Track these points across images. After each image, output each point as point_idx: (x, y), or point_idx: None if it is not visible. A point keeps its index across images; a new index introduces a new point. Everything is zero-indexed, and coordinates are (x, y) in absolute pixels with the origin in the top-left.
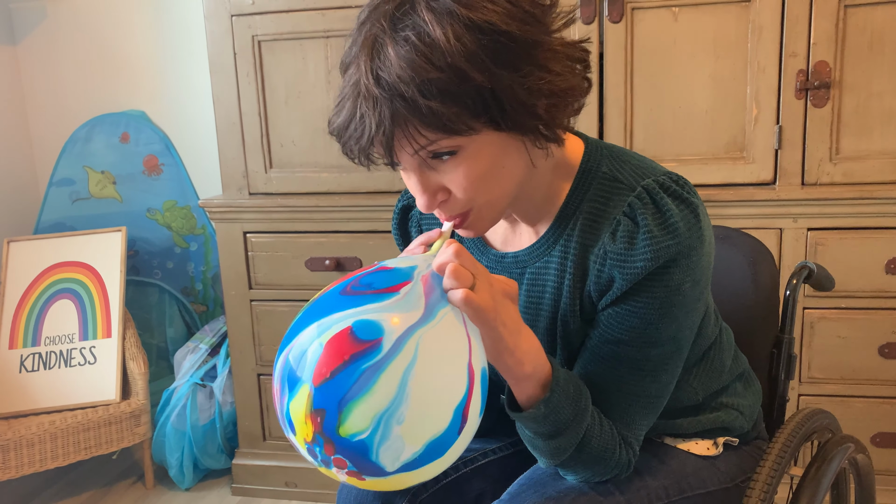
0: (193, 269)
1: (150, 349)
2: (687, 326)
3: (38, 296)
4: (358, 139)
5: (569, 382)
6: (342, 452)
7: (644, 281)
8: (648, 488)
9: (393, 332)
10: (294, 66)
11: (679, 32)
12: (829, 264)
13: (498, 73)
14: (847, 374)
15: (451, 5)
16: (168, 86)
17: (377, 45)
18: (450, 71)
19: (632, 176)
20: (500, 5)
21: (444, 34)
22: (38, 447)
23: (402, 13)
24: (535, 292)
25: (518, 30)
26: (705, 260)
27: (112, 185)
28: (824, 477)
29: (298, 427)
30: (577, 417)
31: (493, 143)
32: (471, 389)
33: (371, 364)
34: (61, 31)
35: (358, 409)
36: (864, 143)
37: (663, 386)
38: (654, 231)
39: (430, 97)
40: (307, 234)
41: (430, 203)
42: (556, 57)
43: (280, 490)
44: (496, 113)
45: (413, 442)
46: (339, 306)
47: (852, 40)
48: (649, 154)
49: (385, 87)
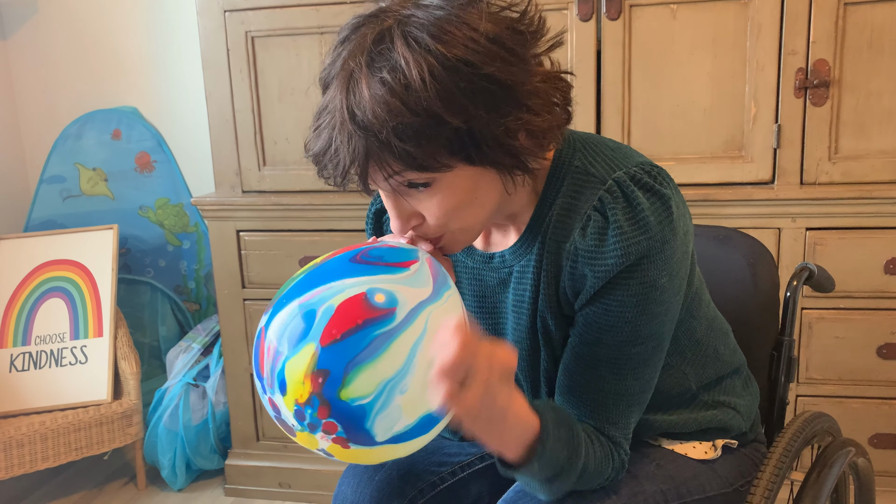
0: (186, 268)
1: (142, 348)
2: (668, 321)
3: (28, 294)
4: (334, 167)
5: (559, 426)
6: (337, 416)
7: (617, 279)
8: (646, 493)
9: (406, 304)
10: (288, 62)
11: (677, 30)
12: (827, 264)
13: (475, 113)
14: (845, 374)
15: (430, 43)
16: (160, 82)
17: (353, 81)
18: (425, 114)
19: (604, 168)
20: (480, 44)
21: (420, 75)
22: (28, 448)
23: (380, 50)
24: (520, 291)
25: (498, 71)
26: (680, 251)
27: (104, 183)
28: (825, 482)
29: (293, 387)
30: (572, 457)
31: (468, 176)
32: None
33: (384, 331)
34: (52, 26)
35: (364, 374)
36: (864, 142)
37: (645, 382)
38: (623, 227)
39: (405, 139)
40: (301, 232)
41: (403, 227)
42: (537, 94)
43: (273, 491)
44: (472, 151)
45: (409, 414)
46: (351, 273)
47: (852, 39)
48: (646, 153)
49: (360, 124)
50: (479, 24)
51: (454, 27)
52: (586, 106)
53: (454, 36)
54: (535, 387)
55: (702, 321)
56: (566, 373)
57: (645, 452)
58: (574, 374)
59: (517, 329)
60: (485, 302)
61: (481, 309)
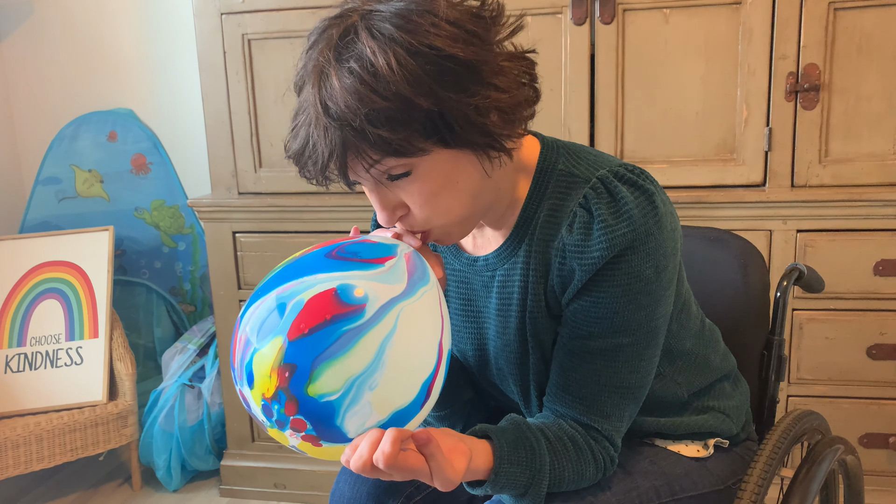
0: (181, 269)
1: (138, 349)
2: (658, 315)
3: (23, 295)
4: (314, 164)
5: (517, 448)
6: (305, 413)
7: (603, 270)
8: (640, 489)
9: (376, 301)
10: (284, 64)
11: (670, 34)
12: (817, 266)
13: (444, 95)
14: (835, 375)
15: (394, 32)
16: (156, 84)
17: (323, 75)
18: (395, 99)
19: (587, 169)
20: (442, 29)
21: (386, 62)
22: (23, 448)
23: (346, 42)
24: (506, 293)
25: (462, 52)
26: (667, 246)
27: (99, 184)
28: (814, 478)
29: (260, 381)
30: (536, 475)
31: (445, 160)
32: (438, 366)
33: (352, 327)
34: (47, 27)
35: (332, 370)
36: (853, 145)
37: (642, 376)
38: (608, 220)
39: (378, 125)
40: (296, 234)
41: (389, 218)
42: (503, 73)
43: (269, 491)
44: (445, 133)
45: (380, 410)
46: (324, 268)
47: (841, 43)
48: (639, 156)
49: (334, 116)
50: (439, 11)
51: (416, 16)
52: (580, 109)
53: (417, 23)
54: (525, 390)
55: (691, 332)
56: (559, 370)
57: (639, 450)
58: (568, 371)
59: (504, 333)
60: (470, 305)
61: (465, 312)
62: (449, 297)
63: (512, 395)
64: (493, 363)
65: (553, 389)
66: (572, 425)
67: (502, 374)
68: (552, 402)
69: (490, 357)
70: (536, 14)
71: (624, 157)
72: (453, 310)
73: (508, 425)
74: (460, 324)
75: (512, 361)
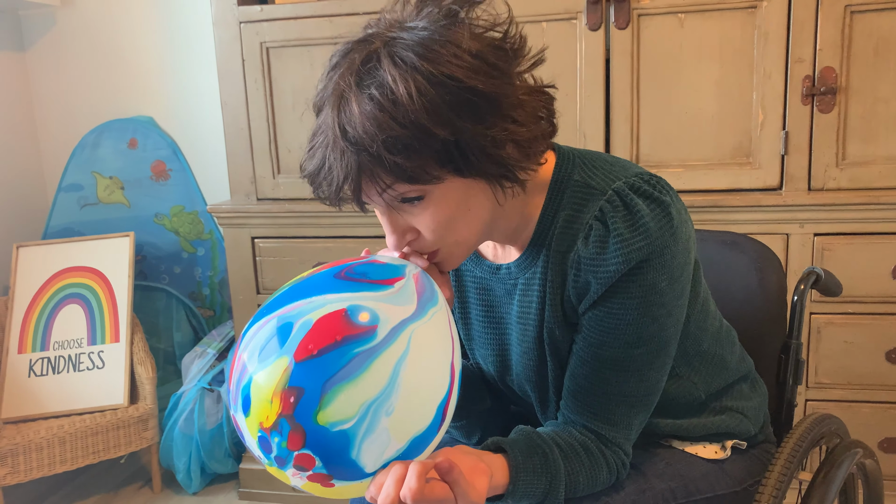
0: (201, 274)
1: (158, 354)
2: (670, 325)
3: (46, 300)
4: (329, 185)
5: (532, 455)
6: (313, 446)
7: (619, 283)
8: (654, 490)
9: (388, 322)
10: (302, 72)
11: (685, 39)
12: (835, 269)
13: (462, 126)
14: (854, 379)
15: (416, 60)
16: (176, 92)
17: (343, 100)
18: (413, 128)
19: (603, 180)
20: (464, 60)
21: (406, 90)
22: (46, 451)
23: (368, 68)
24: (526, 302)
25: (482, 84)
26: (681, 257)
27: (120, 191)
28: (833, 482)
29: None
30: (553, 481)
31: (458, 188)
32: (451, 388)
33: (364, 349)
34: (70, 38)
35: (345, 394)
36: (871, 148)
37: (651, 385)
38: (623, 234)
39: (395, 152)
40: (314, 239)
41: (399, 242)
42: (521, 106)
43: (286, 494)
44: (460, 162)
45: (398, 437)
46: (333, 288)
47: (858, 46)
48: (655, 160)
49: (351, 140)
50: (462, 42)
51: (438, 45)
52: (595, 114)
53: (439, 53)
54: (544, 396)
55: (709, 332)
56: (571, 376)
57: (655, 452)
58: (578, 377)
59: (524, 340)
60: (492, 312)
61: (487, 319)
62: (469, 303)
63: (530, 399)
64: (513, 369)
65: (565, 394)
66: (582, 432)
67: (521, 380)
68: (563, 408)
69: (511, 363)
70: (551, 20)
71: (639, 161)
72: (475, 316)
73: (519, 436)
74: (481, 330)
75: (531, 368)
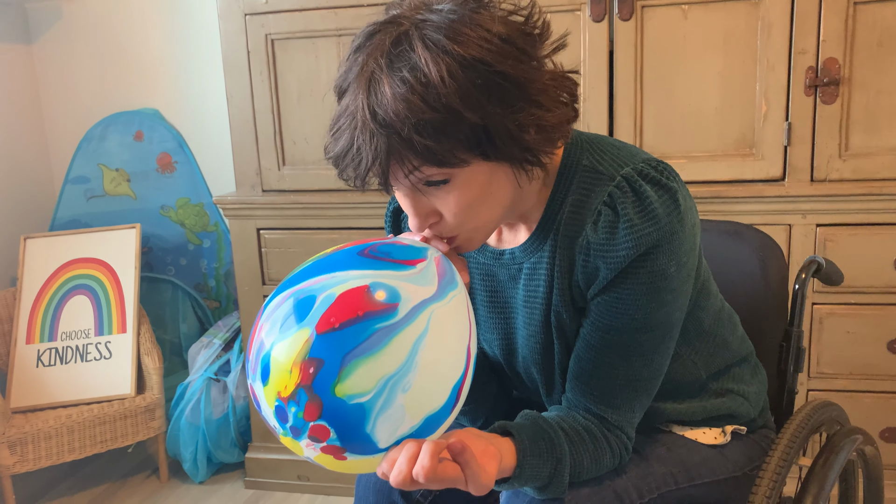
0: (206, 266)
1: (164, 345)
2: (677, 309)
3: (54, 291)
4: (356, 167)
5: (538, 439)
6: (329, 418)
7: (628, 268)
8: (656, 475)
9: (409, 301)
10: (307, 64)
11: (689, 30)
12: (837, 260)
13: (491, 110)
14: (856, 369)
15: (447, 43)
16: (182, 84)
17: (374, 81)
18: (445, 111)
19: (611, 165)
20: (493, 44)
21: (438, 73)
22: (55, 440)
23: (399, 51)
24: (532, 286)
25: (511, 68)
26: (688, 242)
27: (126, 183)
28: (832, 467)
29: (278, 376)
30: (558, 465)
31: (483, 171)
32: (466, 371)
33: (385, 326)
34: (76, 31)
35: (364, 368)
36: (874, 139)
37: (655, 369)
38: (633, 220)
39: (425, 135)
40: (319, 230)
41: (421, 224)
42: (546, 91)
43: (293, 483)
44: (487, 146)
45: (413, 414)
46: (356, 265)
47: (861, 37)
48: (659, 151)
49: (382, 122)
50: (491, 26)
51: (468, 28)
52: (599, 105)
53: (469, 37)
54: (550, 379)
55: (710, 312)
56: (577, 359)
57: (656, 437)
58: (584, 361)
59: (530, 324)
60: (496, 297)
61: (492, 304)
62: (474, 289)
63: (536, 383)
64: (519, 353)
65: (569, 378)
66: (586, 416)
67: (527, 364)
68: (567, 390)
69: (516, 347)
70: (555, 11)
71: None
72: (480, 302)
73: (526, 420)
74: (486, 315)
75: (537, 351)
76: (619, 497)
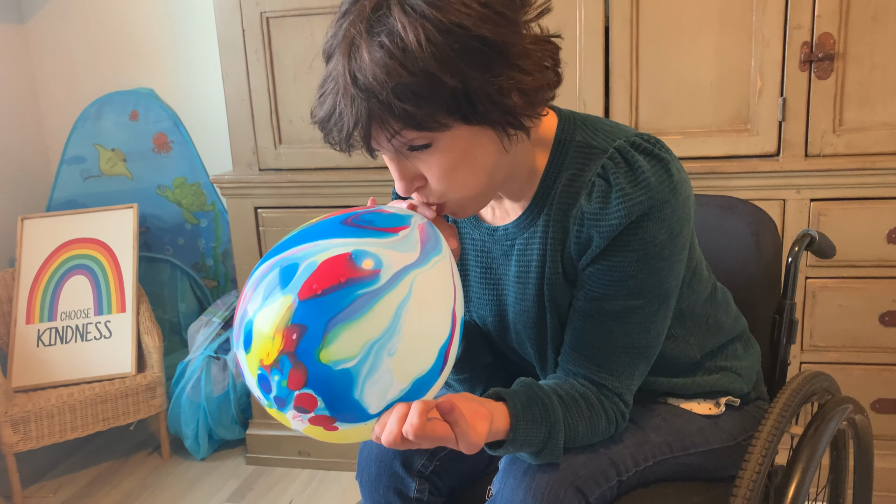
0: (204, 245)
1: (163, 324)
2: (671, 277)
3: (53, 272)
4: (339, 132)
5: (531, 405)
6: (315, 385)
7: (620, 236)
8: (651, 444)
9: (390, 267)
10: (302, 42)
11: (684, 6)
12: (831, 234)
13: (470, 74)
14: (848, 341)
15: (425, 8)
16: (177, 63)
17: (353, 47)
18: (422, 75)
19: (604, 140)
20: (472, 8)
21: (416, 38)
22: (57, 418)
23: (378, 16)
24: (524, 261)
25: (490, 33)
26: (681, 212)
27: (122, 163)
28: (823, 435)
29: (260, 343)
30: (552, 430)
31: (465, 135)
32: (452, 334)
33: (367, 291)
34: (69, 10)
35: (348, 333)
36: (868, 114)
37: (653, 337)
38: (625, 188)
39: (404, 99)
40: (317, 208)
41: (407, 188)
42: (528, 55)
43: (293, 459)
44: (467, 110)
45: (401, 378)
46: (339, 233)
47: (856, 12)
48: (654, 127)
49: (361, 87)
50: None
51: None
52: (595, 82)
53: (448, 1)
54: (542, 353)
55: (702, 294)
56: (573, 331)
57: (652, 407)
58: (581, 331)
59: (523, 299)
60: (489, 273)
61: (485, 280)
62: (468, 265)
63: (529, 357)
64: (511, 328)
65: (566, 349)
66: (583, 383)
67: (521, 338)
68: (565, 361)
69: (509, 322)
70: None
71: (639, 128)
72: (473, 278)
73: (520, 387)
74: (480, 291)
75: (530, 326)
76: (615, 464)
